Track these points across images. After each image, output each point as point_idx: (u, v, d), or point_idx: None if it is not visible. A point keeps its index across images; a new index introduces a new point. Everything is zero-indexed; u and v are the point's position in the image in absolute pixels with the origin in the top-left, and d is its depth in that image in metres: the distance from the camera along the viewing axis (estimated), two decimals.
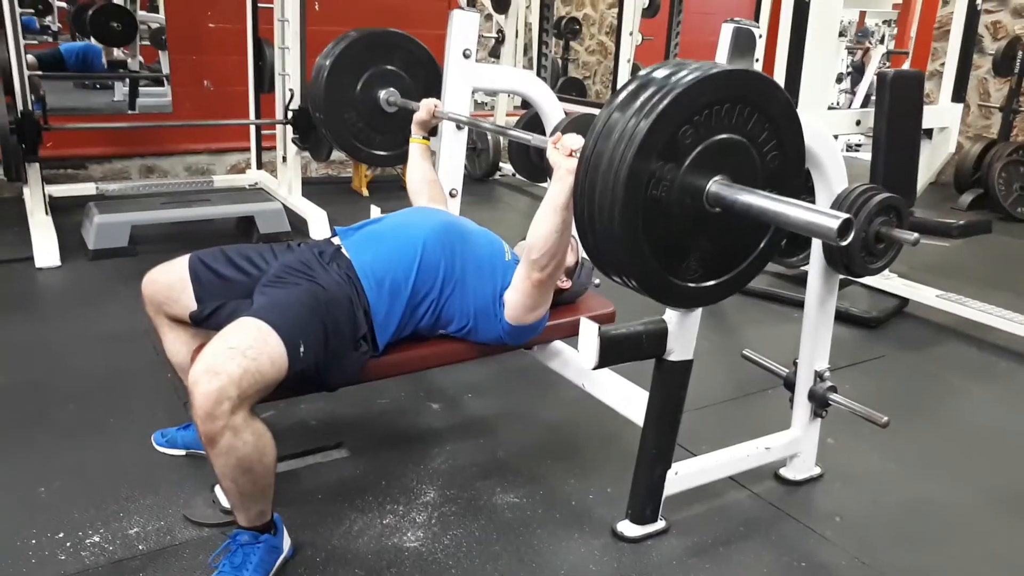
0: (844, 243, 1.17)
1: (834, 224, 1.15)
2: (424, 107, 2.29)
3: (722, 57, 1.62)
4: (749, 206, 1.25)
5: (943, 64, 3.68)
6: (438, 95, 2.46)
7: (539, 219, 1.69)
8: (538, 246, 1.70)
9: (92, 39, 4.81)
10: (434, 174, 2.35)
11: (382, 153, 2.50)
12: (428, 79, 2.52)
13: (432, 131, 2.33)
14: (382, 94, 2.45)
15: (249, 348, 1.47)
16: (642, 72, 1.32)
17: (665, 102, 1.21)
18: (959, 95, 3.57)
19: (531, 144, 1.82)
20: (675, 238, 1.34)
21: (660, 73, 1.28)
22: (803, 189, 1.46)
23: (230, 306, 1.79)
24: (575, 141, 1.63)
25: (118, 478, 1.98)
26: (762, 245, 1.46)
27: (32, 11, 4.74)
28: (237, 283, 1.82)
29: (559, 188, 1.62)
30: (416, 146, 2.32)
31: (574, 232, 1.63)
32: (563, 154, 1.64)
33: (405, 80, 2.49)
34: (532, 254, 1.73)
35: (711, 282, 1.44)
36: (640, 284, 1.39)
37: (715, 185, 1.30)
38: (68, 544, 1.74)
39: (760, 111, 1.31)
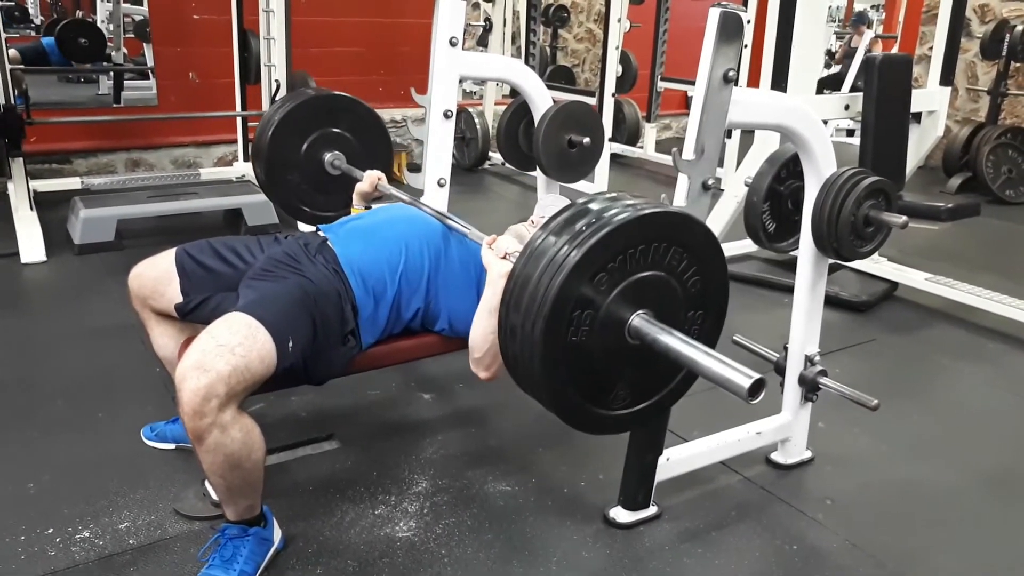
0: (754, 402, 1.16)
1: (745, 383, 1.14)
2: (368, 179, 2.21)
3: (709, 42, 1.61)
4: (667, 348, 1.26)
5: (931, 48, 3.68)
6: (384, 160, 2.43)
7: (476, 322, 1.71)
8: (478, 346, 1.70)
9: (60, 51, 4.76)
10: None
11: (326, 214, 2.45)
12: (375, 143, 2.49)
13: (375, 201, 2.29)
14: (327, 157, 2.42)
15: (238, 345, 1.46)
16: (564, 213, 1.32)
17: (579, 255, 1.22)
18: (947, 78, 3.58)
19: (468, 237, 1.82)
20: (601, 372, 1.35)
21: (578, 219, 1.28)
22: (726, 304, 1.47)
23: (216, 299, 1.78)
24: (509, 244, 1.65)
25: (107, 473, 1.97)
26: (684, 370, 1.46)
27: (7, 6, 4.69)
28: (224, 275, 1.80)
29: (492, 291, 1.63)
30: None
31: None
32: (497, 256, 1.65)
33: (351, 143, 2.45)
34: (474, 353, 1.72)
35: (642, 404, 1.44)
36: (565, 419, 1.39)
37: (637, 319, 1.31)
38: (58, 540, 1.73)
39: (676, 244, 1.33)
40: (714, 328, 1.46)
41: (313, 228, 2.00)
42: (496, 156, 5.64)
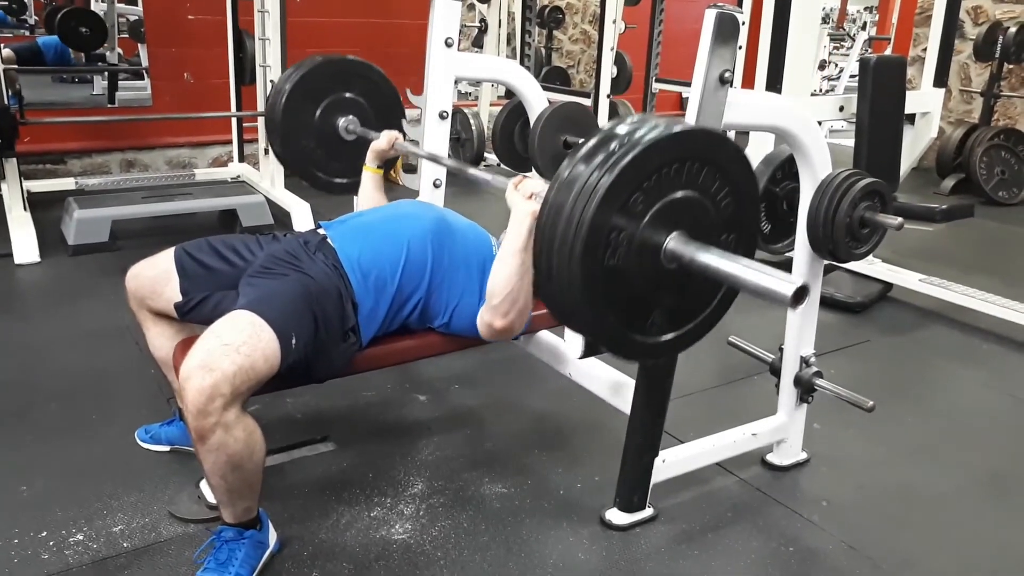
0: (798, 308, 1.16)
1: (788, 291, 1.14)
2: (385, 137, 2.22)
3: (705, 44, 1.61)
4: (706, 266, 1.26)
5: (925, 49, 3.69)
6: (398, 124, 2.42)
7: (498, 263, 1.70)
8: (498, 291, 1.69)
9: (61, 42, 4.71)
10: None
11: (340, 180, 2.46)
12: (388, 107, 2.50)
13: (387, 163, 2.29)
14: (341, 122, 2.42)
15: (243, 344, 1.45)
16: (592, 139, 1.29)
17: (615, 174, 1.21)
18: (941, 80, 3.58)
19: (490, 185, 1.81)
20: (637, 298, 1.34)
21: (609, 141, 1.26)
22: (757, 227, 1.46)
23: (215, 297, 1.77)
24: (535, 185, 1.64)
25: (101, 475, 1.96)
26: (722, 292, 1.46)
27: (4, 5, 4.66)
28: (223, 274, 1.80)
29: (518, 231, 1.63)
30: (369, 175, 2.24)
31: None
32: (523, 196, 1.64)
33: (365, 108, 2.45)
34: (493, 299, 1.71)
35: (675, 333, 1.43)
36: (605, 345, 1.39)
37: (672, 242, 1.30)
38: (51, 543, 1.72)
39: (708, 163, 1.32)
40: (748, 251, 1.44)
41: (312, 226, 1.99)
42: (491, 157, 5.63)
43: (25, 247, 3.52)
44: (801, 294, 1.14)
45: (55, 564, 1.67)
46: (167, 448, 2.06)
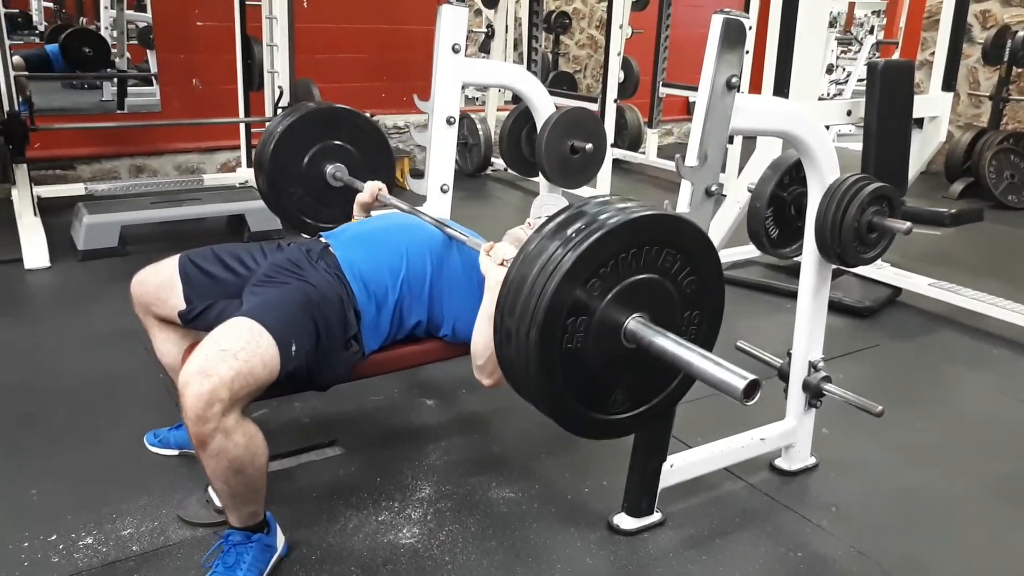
0: (749, 403, 1.15)
1: (740, 384, 1.14)
2: (368, 189, 2.21)
3: (712, 49, 1.61)
4: (663, 352, 1.26)
5: (933, 53, 3.68)
6: (385, 171, 2.43)
7: (476, 329, 1.72)
8: (480, 352, 1.71)
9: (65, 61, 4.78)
10: None
11: (327, 225, 2.48)
12: (376, 154, 2.50)
13: (375, 212, 2.29)
14: (329, 169, 2.43)
15: (241, 350, 1.46)
16: (557, 218, 1.31)
17: (571, 260, 1.22)
18: (949, 84, 3.58)
19: (466, 244, 1.83)
20: (599, 377, 1.34)
21: (570, 224, 1.28)
22: (722, 302, 1.46)
23: (219, 306, 1.78)
24: (507, 251, 1.66)
25: (110, 479, 1.97)
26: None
27: (12, 12, 4.70)
28: (227, 283, 1.81)
29: (492, 295, 1.63)
30: None
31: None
32: (495, 263, 1.65)
33: (353, 155, 2.46)
34: (476, 360, 1.73)
35: (640, 409, 1.43)
36: (566, 426, 1.38)
37: (632, 323, 1.30)
38: (61, 546, 1.73)
39: (668, 246, 1.32)
40: (711, 328, 1.45)
41: (316, 235, 2.00)
42: (498, 162, 5.64)
43: (35, 252, 3.54)
44: (752, 389, 1.14)
45: (64, 567, 1.67)
46: (175, 452, 2.07)
